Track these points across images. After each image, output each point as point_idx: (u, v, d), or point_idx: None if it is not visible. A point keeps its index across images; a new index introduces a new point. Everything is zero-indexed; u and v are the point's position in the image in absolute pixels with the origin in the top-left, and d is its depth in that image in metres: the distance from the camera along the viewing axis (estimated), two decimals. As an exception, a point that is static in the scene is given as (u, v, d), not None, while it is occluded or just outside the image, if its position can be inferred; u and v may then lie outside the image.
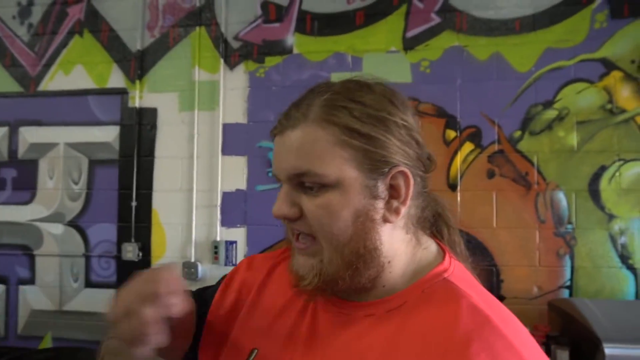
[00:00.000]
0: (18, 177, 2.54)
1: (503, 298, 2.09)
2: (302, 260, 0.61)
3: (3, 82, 2.58)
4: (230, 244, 2.33)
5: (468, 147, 2.16)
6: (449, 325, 0.54)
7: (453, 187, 2.14)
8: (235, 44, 2.40)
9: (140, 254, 2.39)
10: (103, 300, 2.42)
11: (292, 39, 2.34)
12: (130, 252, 2.37)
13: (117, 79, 2.48)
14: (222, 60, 2.39)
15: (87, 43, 2.52)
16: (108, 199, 2.45)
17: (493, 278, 2.10)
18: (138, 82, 2.45)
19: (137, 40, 2.46)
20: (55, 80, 2.54)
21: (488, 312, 0.55)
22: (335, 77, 2.27)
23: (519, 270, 2.09)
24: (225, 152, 2.37)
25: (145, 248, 2.40)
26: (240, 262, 0.79)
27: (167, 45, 2.46)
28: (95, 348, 0.72)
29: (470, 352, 0.51)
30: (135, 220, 2.41)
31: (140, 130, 2.44)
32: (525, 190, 2.11)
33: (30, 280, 2.50)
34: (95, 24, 2.52)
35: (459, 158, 2.16)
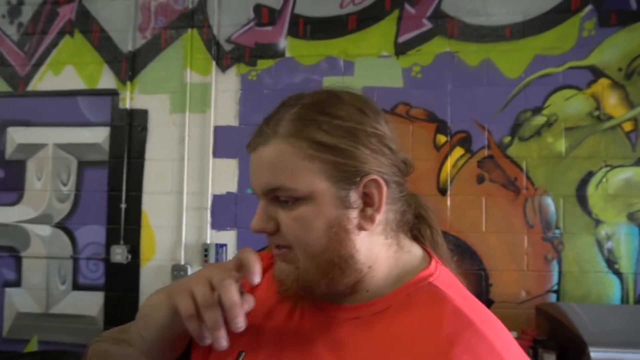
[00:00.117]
0: (5, 177, 2.51)
1: (492, 302, 2.11)
2: (281, 266, 0.62)
3: (-9, 81, 2.55)
4: (221, 247, 2.32)
5: (458, 152, 2.18)
6: (434, 328, 0.55)
7: (443, 191, 2.15)
8: (228, 47, 2.40)
9: (129, 257, 2.37)
10: (91, 303, 2.40)
11: (284, 43, 2.35)
12: (119, 254, 2.35)
13: (107, 80, 2.47)
14: (214, 63, 2.38)
15: (77, 43, 2.50)
16: (97, 201, 2.42)
17: (482, 282, 2.12)
18: (129, 83, 2.43)
19: (128, 42, 2.45)
20: (45, 81, 2.51)
21: (471, 315, 0.56)
22: (328, 80, 2.28)
23: (508, 275, 2.11)
24: (216, 154, 2.36)
25: (135, 250, 2.38)
26: None
27: (158, 47, 2.45)
28: (82, 351, 0.71)
29: (453, 354, 0.52)
30: (125, 223, 2.39)
31: (131, 132, 2.43)
32: (514, 195, 2.13)
33: (17, 283, 2.47)
34: (87, 25, 2.51)
35: (449, 163, 2.17)
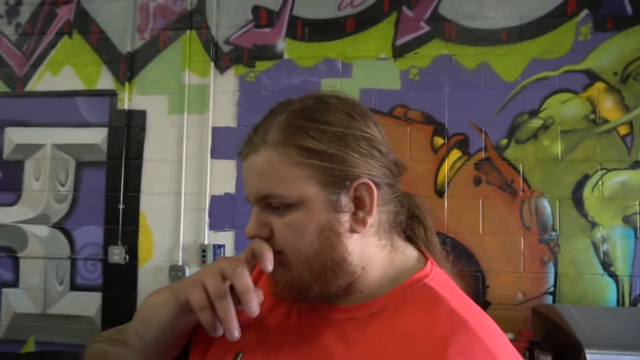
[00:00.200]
0: (3, 178, 2.51)
1: (488, 304, 2.12)
2: (276, 269, 0.63)
3: (-11, 81, 2.55)
4: (218, 248, 2.32)
5: (455, 154, 2.19)
6: (429, 329, 0.56)
7: (440, 193, 2.16)
8: (226, 48, 2.40)
9: (127, 257, 2.37)
10: (88, 304, 2.39)
11: (282, 44, 2.35)
12: (117, 255, 2.35)
13: (106, 81, 2.47)
14: (212, 64, 2.39)
15: (76, 44, 2.51)
16: (95, 201, 2.42)
17: (479, 284, 2.13)
18: (127, 84, 2.44)
19: (127, 42, 2.45)
20: (43, 81, 2.51)
21: (466, 316, 0.56)
22: (326, 82, 2.29)
23: (504, 277, 2.12)
24: (215, 155, 2.36)
25: (132, 251, 2.38)
26: None
27: (157, 48, 2.45)
28: (80, 352, 0.71)
29: (448, 354, 0.52)
30: (123, 223, 2.39)
31: (129, 133, 2.43)
32: (511, 198, 2.14)
33: (14, 283, 2.46)
34: (85, 25, 2.51)
35: (447, 165, 2.18)
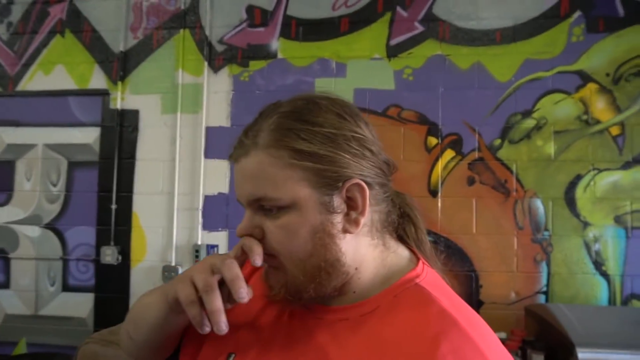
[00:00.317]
0: (-6, 178, 2.48)
1: (482, 303, 2.13)
2: (270, 272, 0.63)
3: (-20, 80, 2.52)
4: (212, 248, 2.32)
5: (449, 154, 2.20)
6: (420, 329, 0.56)
7: (434, 193, 2.17)
8: (220, 48, 2.40)
9: (120, 258, 2.35)
10: (80, 305, 2.38)
11: (276, 44, 2.35)
12: (109, 255, 2.34)
13: (98, 80, 2.45)
14: (206, 63, 2.38)
15: (68, 43, 2.49)
16: (87, 202, 2.41)
17: (472, 283, 2.14)
18: (120, 83, 2.42)
19: (119, 42, 2.43)
20: (35, 80, 2.49)
21: (457, 316, 0.57)
22: (320, 82, 2.29)
23: (498, 276, 2.13)
24: (208, 155, 2.35)
25: (125, 252, 2.36)
26: None
27: (150, 47, 2.44)
28: (72, 353, 0.71)
29: (439, 353, 0.53)
30: (115, 224, 2.37)
31: (122, 132, 2.41)
32: (504, 198, 2.15)
33: (5, 284, 2.44)
34: (78, 24, 2.49)
35: (440, 165, 2.19)
